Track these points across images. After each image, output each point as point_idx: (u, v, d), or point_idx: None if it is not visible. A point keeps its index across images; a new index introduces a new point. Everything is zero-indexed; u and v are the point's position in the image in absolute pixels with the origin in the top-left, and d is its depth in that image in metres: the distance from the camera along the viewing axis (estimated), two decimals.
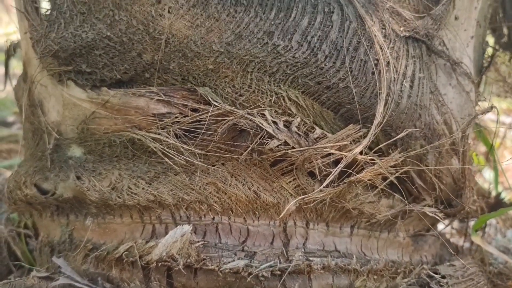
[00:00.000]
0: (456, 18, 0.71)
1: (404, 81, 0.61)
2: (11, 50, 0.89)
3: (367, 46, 0.59)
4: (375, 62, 0.59)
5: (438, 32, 0.67)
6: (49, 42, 0.62)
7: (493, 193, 0.97)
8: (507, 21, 0.91)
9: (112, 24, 0.59)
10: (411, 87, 0.62)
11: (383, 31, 0.61)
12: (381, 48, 0.59)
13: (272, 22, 0.58)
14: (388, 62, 0.59)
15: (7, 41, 0.89)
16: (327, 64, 0.58)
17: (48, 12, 0.65)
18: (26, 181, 0.68)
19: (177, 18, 0.57)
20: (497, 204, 0.93)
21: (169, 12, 0.57)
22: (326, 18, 0.59)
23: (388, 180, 0.63)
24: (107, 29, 0.59)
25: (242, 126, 0.57)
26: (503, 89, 1.07)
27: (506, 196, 1.22)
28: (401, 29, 0.63)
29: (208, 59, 0.58)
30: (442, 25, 0.68)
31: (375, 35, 0.59)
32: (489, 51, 1.00)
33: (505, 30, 0.94)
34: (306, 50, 0.58)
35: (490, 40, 0.98)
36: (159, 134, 0.59)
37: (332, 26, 0.59)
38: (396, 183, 0.64)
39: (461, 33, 0.73)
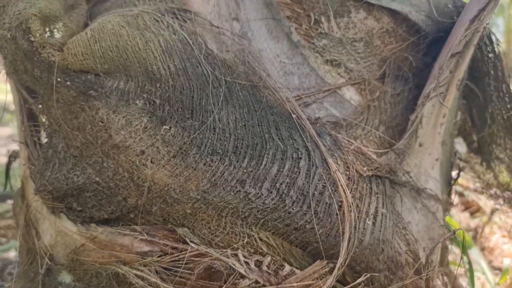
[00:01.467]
0: (420, 145, 0.77)
1: (367, 219, 0.67)
2: (12, 158, 0.96)
3: (332, 189, 0.65)
4: (339, 204, 0.65)
5: (401, 164, 0.73)
6: (44, 181, 0.68)
7: None
8: (476, 131, 0.98)
9: (101, 170, 0.65)
10: (374, 223, 0.67)
11: (347, 173, 0.67)
12: (344, 192, 0.65)
13: (245, 170, 0.64)
14: (351, 204, 0.65)
15: (8, 151, 0.96)
16: (294, 208, 0.64)
17: (45, 149, 0.71)
18: None
19: (158, 168, 0.63)
20: None
21: (151, 162, 0.63)
22: (294, 165, 0.65)
23: None
24: (96, 174, 0.65)
25: (216, 267, 0.62)
26: (480, 185, 1.12)
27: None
28: (365, 168, 0.69)
29: (186, 205, 0.64)
30: (406, 156, 0.74)
31: (339, 179, 0.65)
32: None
33: (475, 137, 1.01)
34: (275, 196, 0.63)
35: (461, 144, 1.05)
36: (142, 271, 0.64)
37: (299, 173, 0.65)
38: None
39: (425, 158, 0.79)
